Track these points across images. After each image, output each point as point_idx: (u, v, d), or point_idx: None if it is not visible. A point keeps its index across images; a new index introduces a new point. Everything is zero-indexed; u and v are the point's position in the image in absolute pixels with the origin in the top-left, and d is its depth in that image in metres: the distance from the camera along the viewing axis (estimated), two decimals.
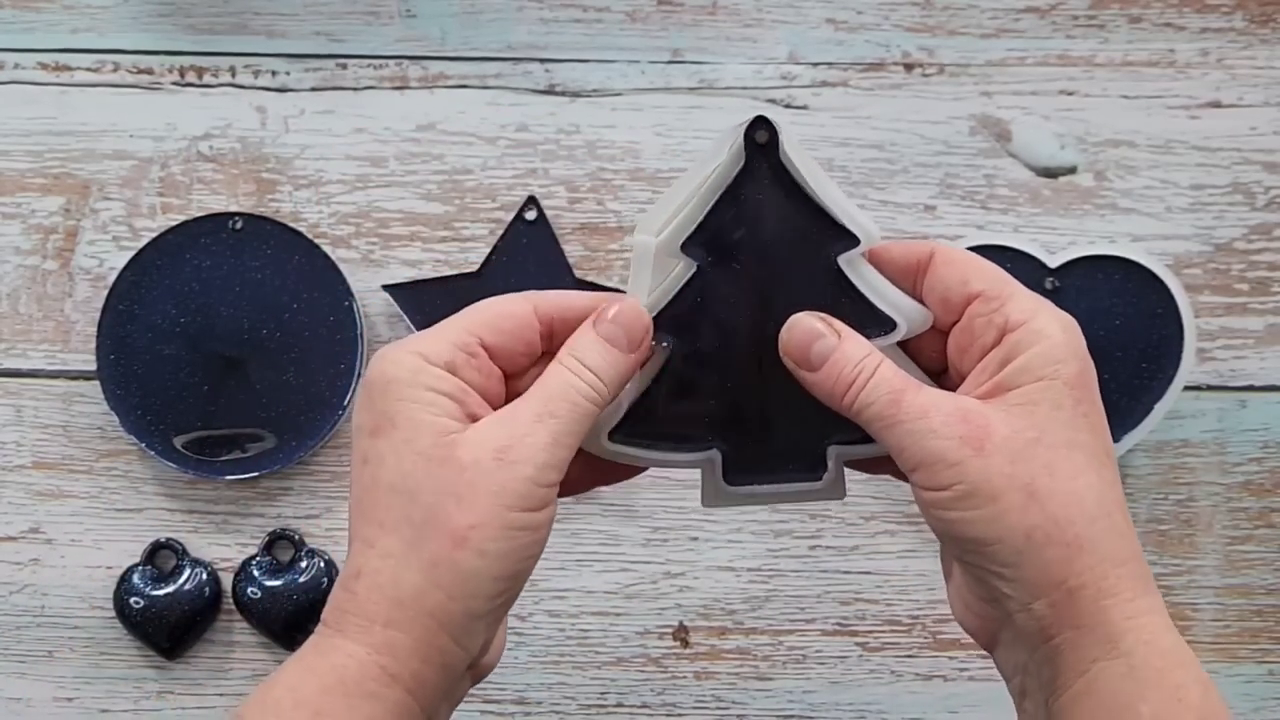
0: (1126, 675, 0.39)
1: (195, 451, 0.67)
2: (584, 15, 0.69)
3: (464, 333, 0.42)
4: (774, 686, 0.68)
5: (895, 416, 0.41)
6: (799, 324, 0.43)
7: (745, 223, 0.44)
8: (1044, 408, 0.41)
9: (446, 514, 0.40)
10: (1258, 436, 0.69)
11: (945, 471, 0.40)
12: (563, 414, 0.41)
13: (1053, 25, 0.69)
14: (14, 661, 0.68)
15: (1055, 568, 0.40)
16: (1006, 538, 0.40)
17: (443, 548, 0.40)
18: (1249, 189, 0.69)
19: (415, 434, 0.41)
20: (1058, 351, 0.41)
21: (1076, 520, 0.40)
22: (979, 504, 0.40)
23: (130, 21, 0.70)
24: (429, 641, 0.40)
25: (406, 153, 0.69)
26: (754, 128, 0.43)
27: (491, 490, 0.40)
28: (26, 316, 0.69)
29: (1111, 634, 0.40)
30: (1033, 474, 0.40)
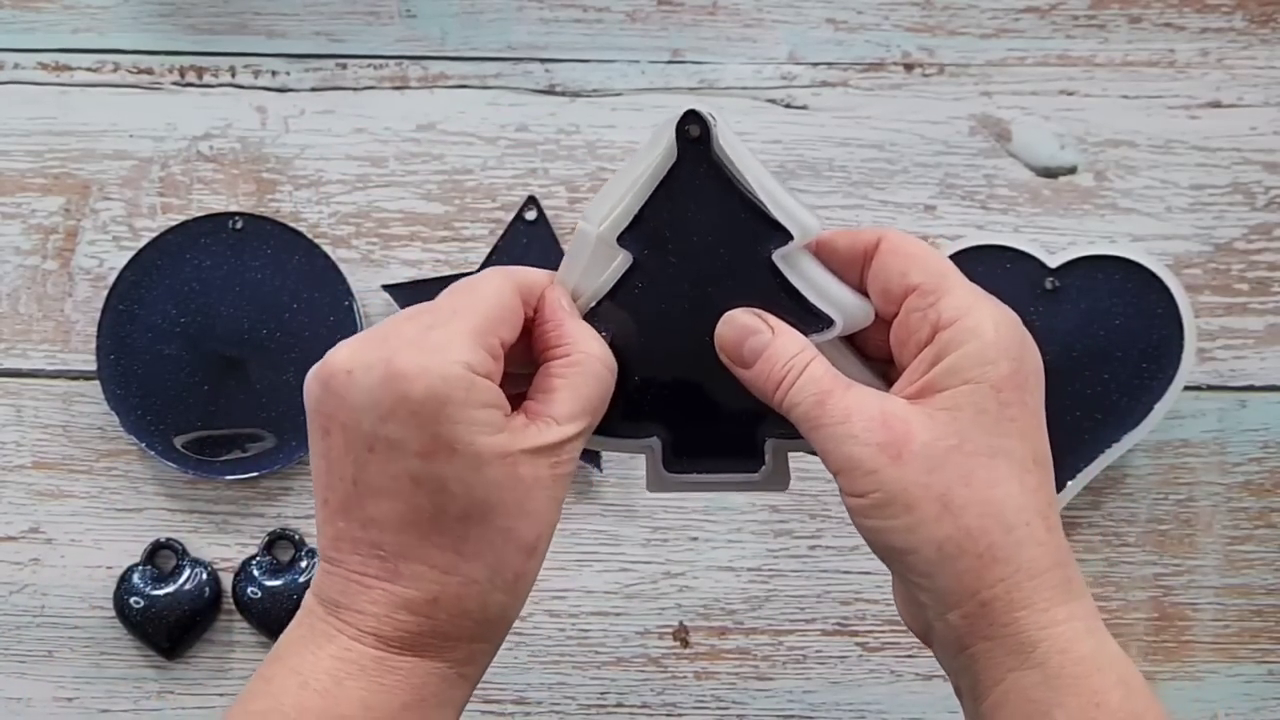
0: (1040, 684, 0.39)
1: (195, 451, 0.67)
2: (584, 15, 0.69)
3: (489, 335, 0.41)
4: (774, 686, 0.68)
5: (819, 419, 0.41)
6: (733, 320, 0.43)
7: (679, 217, 0.44)
8: (967, 413, 0.40)
9: (520, 534, 0.41)
10: (1258, 436, 0.69)
11: (863, 479, 0.40)
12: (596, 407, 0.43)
13: (1053, 25, 0.69)
14: (14, 661, 0.68)
15: (967, 579, 0.40)
16: (920, 548, 0.40)
17: (520, 564, 0.41)
18: (1249, 189, 0.69)
19: (479, 461, 0.39)
20: (988, 352, 0.40)
21: (991, 530, 0.39)
22: (895, 513, 0.40)
23: (130, 21, 0.70)
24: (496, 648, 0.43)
25: (406, 153, 0.69)
26: (685, 122, 0.43)
27: (549, 501, 0.41)
28: (26, 316, 0.69)
29: (1024, 644, 0.39)
30: (948, 484, 0.40)
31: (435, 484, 0.39)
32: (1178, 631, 0.68)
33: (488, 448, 0.39)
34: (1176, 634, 0.68)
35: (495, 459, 0.39)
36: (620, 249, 0.44)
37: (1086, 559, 0.68)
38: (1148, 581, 0.68)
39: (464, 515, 0.40)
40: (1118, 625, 0.68)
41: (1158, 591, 0.68)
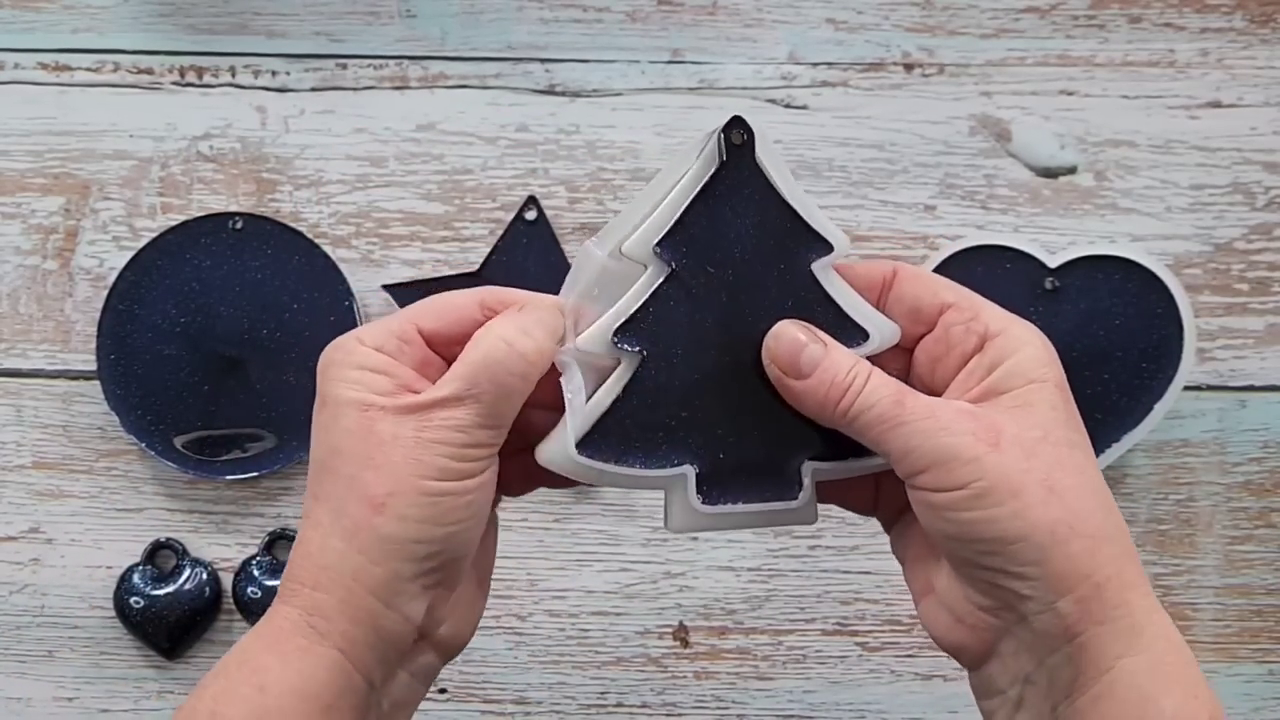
0: (1148, 671, 0.39)
1: (195, 451, 0.67)
2: (584, 15, 0.69)
3: (402, 320, 0.43)
4: (774, 686, 0.68)
5: (900, 417, 0.40)
6: (784, 332, 0.43)
7: (720, 225, 0.42)
8: (1041, 408, 0.41)
9: (364, 483, 0.41)
10: (1258, 436, 0.69)
11: (961, 469, 0.39)
12: (486, 395, 0.41)
13: (1053, 25, 0.69)
14: (14, 661, 0.68)
15: (1081, 561, 0.39)
16: (1030, 534, 0.39)
17: (362, 514, 0.41)
18: (1249, 189, 0.69)
19: (341, 410, 0.42)
20: (1043, 355, 0.42)
21: (1095, 512, 0.40)
22: (1000, 500, 0.39)
23: (130, 21, 0.70)
24: (354, 602, 0.41)
25: (406, 153, 0.69)
26: (730, 128, 0.42)
27: (409, 461, 0.41)
28: (27, 316, 0.69)
29: (1135, 627, 0.39)
30: (1048, 469, 0.40)
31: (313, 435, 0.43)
32: None
33: (350, 400, 0.42)
34: None
35: (355, 410, 0.41)
36: (654, 260, 0.42)
37: None
38: None
39: (320, 462, 0.42)
40: None
41: (1157, 591, 0.68)
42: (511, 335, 0.42)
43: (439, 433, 0.41)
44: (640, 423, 0.43)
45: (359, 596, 0.41)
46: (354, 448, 0.41)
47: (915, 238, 0.69)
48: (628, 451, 0.43)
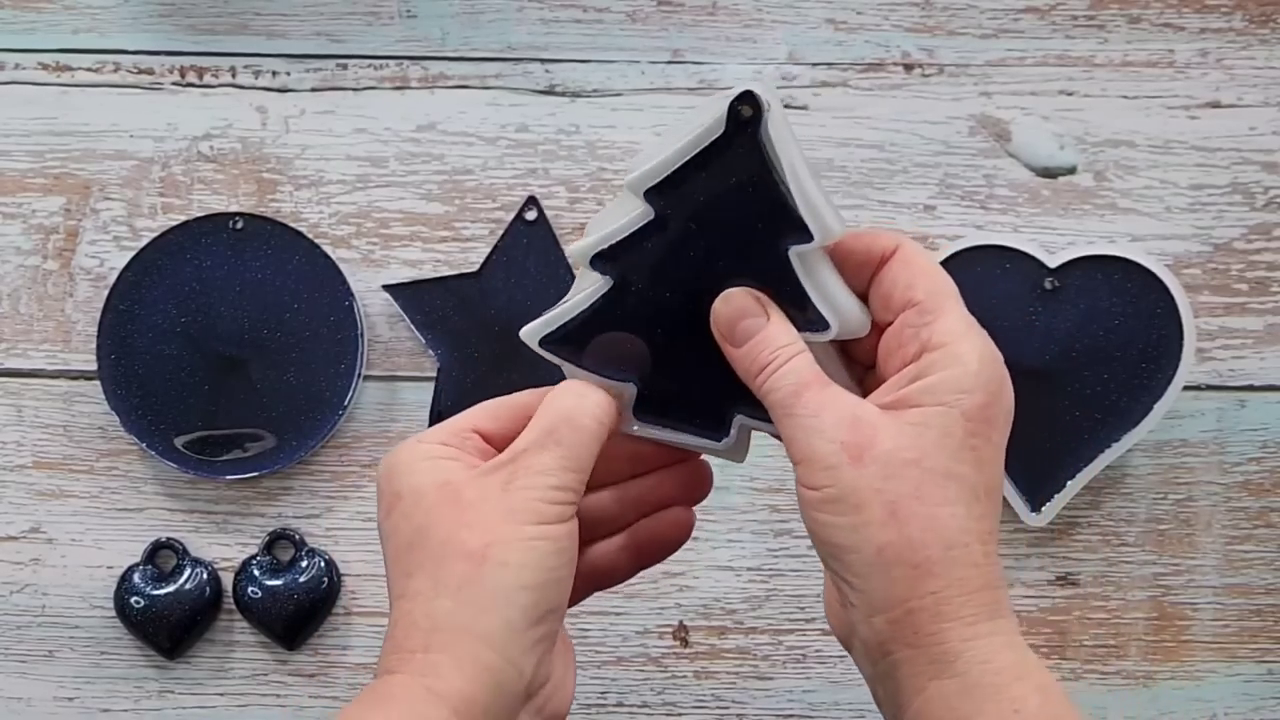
0: (960, 693, 0.40)
1: (196, 451, 0.67)
2: (584, 15, 0.69)
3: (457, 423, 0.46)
4: (774, 686, 0.69)
5: (791, 408, 0.42)
6: (732, 299, 0.44)
7: (710, 188, 0.44)
8: (933, 433, 0.41)
9: (461, 541, 0.42)
10: (1257, 436, 0.69)
11: (820, 473, 0.41)
12: (566, 439, 0.43)
13: (1052, 25, 0.69)
14: (14, 661, 0.68)
15: (900, 586, 0.40)
16: (861, 548, 0.41)
17: (466, 569, 0.41)
18: (1248, 189, 0.69)
19: (421, 495, 0.43)
20: (966, 381, 0.42)
21: (930, 545, 0.40)
22: (843, 511, 0.41)
23: (131, 22, 0.70)
24: (470, 657, 0.41)
25: (407, 153, 0.69)
26: (740, 100, 0.43)
27: (501, 511, 0.42)
28: (27, 316, 0.69)
29: (946, 654, 0.40)
30: (900, 494, 0.41)
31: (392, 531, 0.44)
32: (1177, 631, 0.68)
33: (428, 484, 0.43)
34: (1176, 634, 0.68)
35: (435, 489, 0.43)
36: (643, 201, 0.44)
37: (1086, 559, 0.68)
38: (1147, 581, 0.68)
39: (409, 544, 0.43)
40: (1118, 625, 0.68)
41: (1157, 591, 0.68)
42: (581, 389, 0.45)
43: (527, 478, 0.43)
44: (599, 337, 0.46)
45: (475, 650, 0.41)
46: (442, 518, 0.42)
47: (915, 238, 0.68)
48: (585, 357, 0.46)
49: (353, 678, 0.69)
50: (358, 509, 0.69)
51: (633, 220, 0.45)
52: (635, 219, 0.45)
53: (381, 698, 0.41)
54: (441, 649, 0.41)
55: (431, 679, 0.41)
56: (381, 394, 0.69)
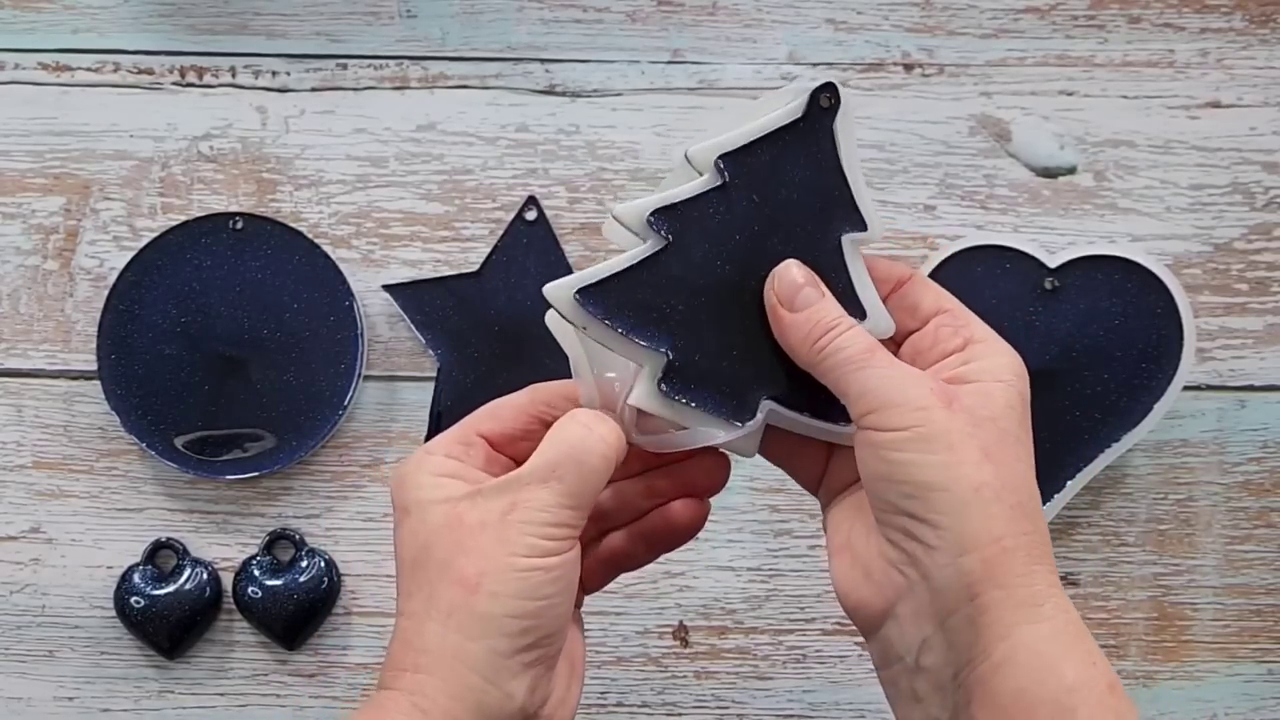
0: (1049, 638, 0.40)
1: (195, 451, 0.67)
2: (584, 15, 0.69)
3: (461, 428, 0.47)
4: (774, 686, 0.69)
5: (867, 361, 0.43)
6: (791, 270, 0.45)
7: (779, 166, 0.46)
8: (999, 401, 0.43)
9: (457, 567, 0.43)
10: (1257, 436, 0.69)
11: (911, 413, 0.42)
12: (569, 476, 0.44)
13: (1052, 25, 0.69)
14: (14, 661, 0.69)
15: (996, 524, 0.41)
16: (955, 486, 0.41)
17: (456, 595, 0.43)
18: (1248, 189, 0.69)
19: (425, 513, 0.44)
20: (1015, 368, 0.44)
21: (1022, 490, 0.42)
22: (936, 450, 0.41)
23: (131, 22, 0.70)
24: (455, 680, 0.42)
25: (407, 153, 0.69)
26: (821, 90, 0.45)
27: (498, 541, 0.43)
28: (27, 316, 0.69)
29: (1037, 596, 0.41)
30: (989, 440, 0.42)
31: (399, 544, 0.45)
32: (1177, 631, 0.68)
33: (432, 502, 0.44)
34: (1176, 634, 0.68)
35: (436, 506, 0.44)
36: (714, 169, 0.45)
37: (1086, 559, 0.68)
38: (1147, 581, 0.68)
39: (412, 561, 0.44)
40: (1118, 625, 0.68)
41: (1157, 591, 0.68)
42: (592, 421, 0.45)
43: (525, 513, 0.43)
44: (640, 296, 0.45)
45: (460, 674, 0.42)
46: (443, 539, 0.44)
47: (915, 238, 0.69)
48: (619, 315, 0.45)
49: (352, 678, 0.69)
50: (358, 509, 0.69)
51: (699, 184, 0.45)
52: (702, 183, 0.45)
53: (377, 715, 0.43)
54: (429, 670, 0.42)
55: (419, 697, 0.42)
56: (381, 394, 0.69)
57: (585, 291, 0.45)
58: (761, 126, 0.45)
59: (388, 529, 0.69)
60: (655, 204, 0.45)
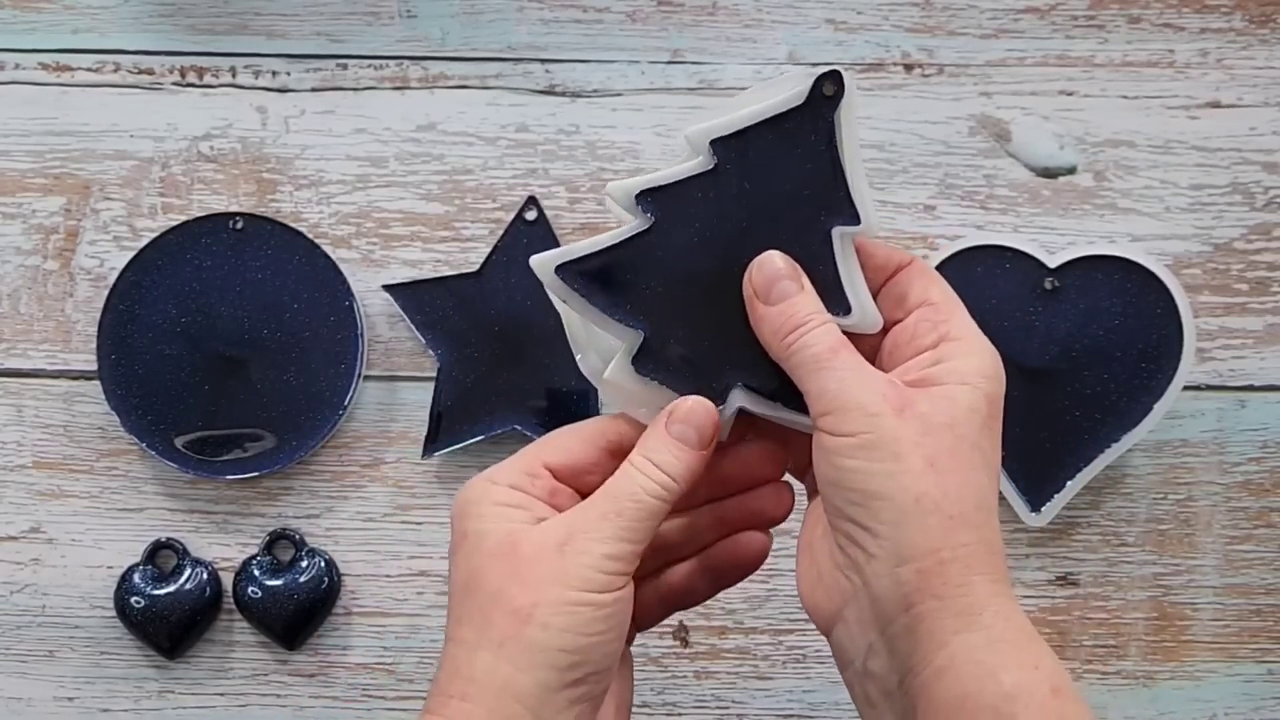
0: (986, 646, 0.40)
1: (196, 451, 0.67)
2: (584, 15, 0.69)
3: (530, 458, 0.46)
4: (774, 686, 0.69)
5: (830, 362, 0.43)
6: (772, 261, 0.45)
7: (774, 153, 0.45)
8: (963, 406, 0.43)
9: (510, 596, 0.43)
10: (1257, 436, 0.69)
11: (861, 419, 0.42)
12: (628, 512, 0.44)
13: (1052, 25, 0.69)
14: (14, 661, 0.69)
15: (934, 536, 0.41)
16: (897, 496, 0.41)
17: (509, 626, 0.42)
18: (1248, 189, 0.69)
19: (482, 540, 0.44)
20: (986, 369, 0.44)
21: (966, 501, 0.42)
22: (881, 458, 0.41)
23: (131, 22, 0.70)
24: (502, 712, 0.42)
25: (407, 153, 0.69)
26: (825, 78, 0.44)
27: (553, 573, 0.43)
28: (27, 316, 0.69)
29: (973, 606, 0.41)
30: (938, 449, 0.42)
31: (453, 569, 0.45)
32: (1177, 631, 0.68)
33: (491, 530, 0.44)
34: (1176, 634, 0.68)
35: (496, 537, 0.44)
36: (706, 150, 0.45)
37: (1086, 559, 0.68)
38: (1147, 581, 0.68)
39: (464, 587, 0.44)
40: (1118, 625, 0.68)
41: (1157, 591, 0.68)
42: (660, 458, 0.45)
43: (581, 544, 0.43)
44: (620, 275, 0.45)
45: (507, 705, 0.42)
46: (498, 568, 0.43)
47: (915, 238, 0.69)
48: (598, 291, 0.45)
49: (353, 678, 0.69)
50: (358, 509, 0.69)
51: (689, 167, 0.45)
52: (692, 166, 0.45)
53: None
54: (476, 700, 0.42)
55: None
56: (381, 394, 0.69)
57: (565, 267, 0.45)
58: (760, 111, 0.45)
59: (388, 529, 0.69)
60: (644, 184, 0.45)
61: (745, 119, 0.45)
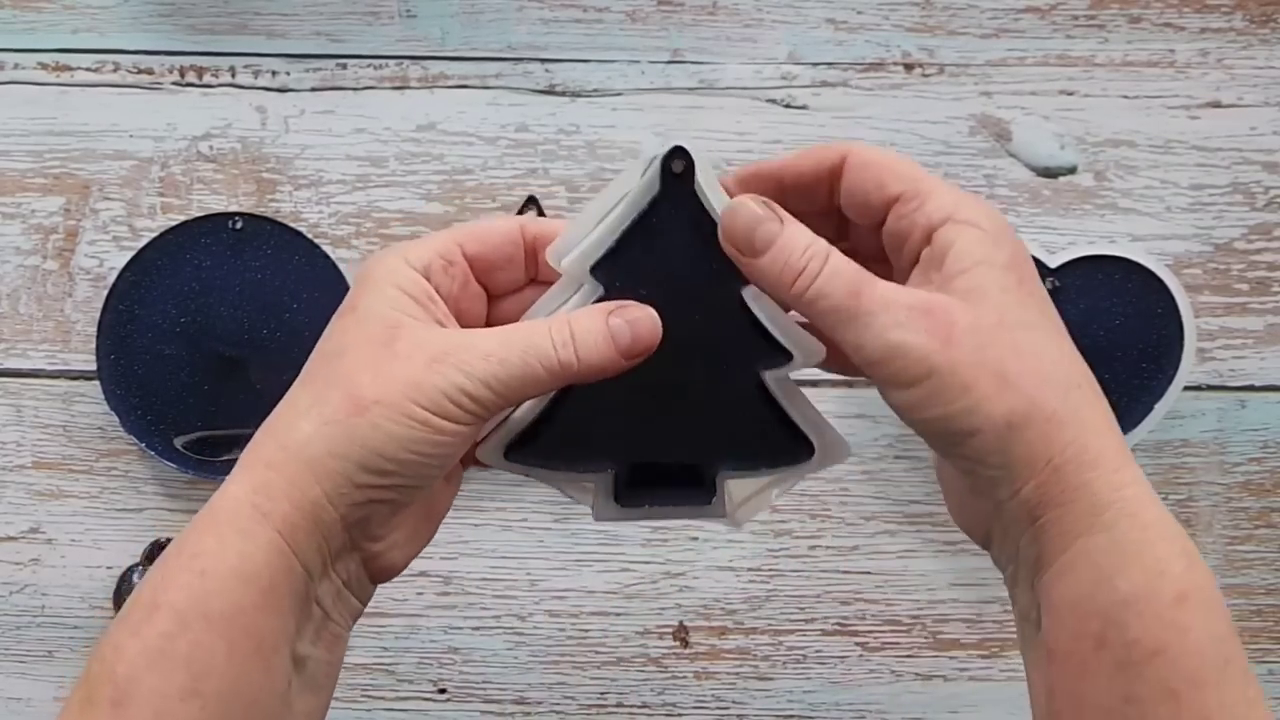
0: (1107, 550, 0.39)
1: (195, 451, 0.67)
2: (584, 15, 0.69)
3: (447, 239, 0.44)
4: (774, 686, 0.68)
5: (856, 309, 0.40)
6: (741, 208, 0.42)
7: (654, 251, 0.43)
8: (993, 290, 0.40)
9: (358, 383, 0.41)
10: (1257, 436, 0.69)
11: (915, 365, 0.39)
12: (512, 364, 0.41)
13: (1053, 25, 0.69)
14: (14, 661, 0.68)
15: (1038, 446, 0.39)
16: (986, 427, 0.39)
17: (342, 409, 0.41)
18: (1249, 189, 0.69)
19: (367, 318, 0.42)
20: (989, 239, 0.41)
21: (1050, 396, 0.39)
22: (954, 396, 0.39)
23: (130, 21, 0.70)
24: (300, 487, 0.41)
25: (407, 153, 0.69)
26: (670, 157, 0.42)
27: (410, 380, 0.41)
28: (27, 316, 0.69)
29: (1095, 506, 0.39)
30: (1001, 358, 0.39)
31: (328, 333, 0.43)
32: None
33: (379, 313, 0.42)
34: None
35: (381, 322, 0.42)
36: (590, 279, 0.43)
37: None
38: None
39: (325, 352, 0.43)
40: None
41: None
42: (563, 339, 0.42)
43: (450, 368, 0.41)
44: (566, 431, 0.44)
45: (306, 482, 0.41)
46: (364, 350, 0.42)
47: None
48: (554, 455, 0.45)
49: (352, 678, 0.69)
50: None
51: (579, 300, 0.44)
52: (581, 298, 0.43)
53: (214, 515, 0.41)
54: (280, 469, 0.41)
55: (261, 497, 0.41)
56: None
57: (512, 450, 0.45)
58: (624, 215, 0.43)
59: None
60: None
61: (613, 230, 0.43)
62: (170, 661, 0.39)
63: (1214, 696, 0.38)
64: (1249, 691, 0.38)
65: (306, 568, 0.41)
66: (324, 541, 0.42)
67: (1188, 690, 0.38)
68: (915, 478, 0.69)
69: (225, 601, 0.40)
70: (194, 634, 0.39)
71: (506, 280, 0.45)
